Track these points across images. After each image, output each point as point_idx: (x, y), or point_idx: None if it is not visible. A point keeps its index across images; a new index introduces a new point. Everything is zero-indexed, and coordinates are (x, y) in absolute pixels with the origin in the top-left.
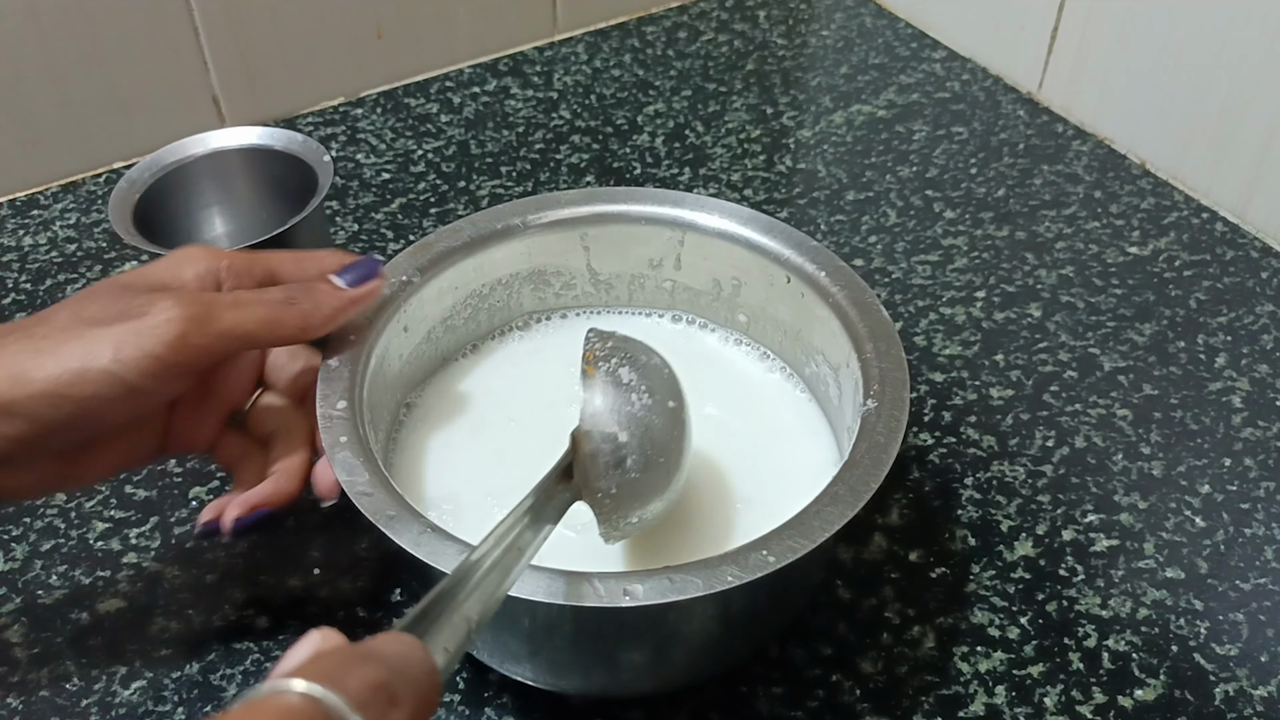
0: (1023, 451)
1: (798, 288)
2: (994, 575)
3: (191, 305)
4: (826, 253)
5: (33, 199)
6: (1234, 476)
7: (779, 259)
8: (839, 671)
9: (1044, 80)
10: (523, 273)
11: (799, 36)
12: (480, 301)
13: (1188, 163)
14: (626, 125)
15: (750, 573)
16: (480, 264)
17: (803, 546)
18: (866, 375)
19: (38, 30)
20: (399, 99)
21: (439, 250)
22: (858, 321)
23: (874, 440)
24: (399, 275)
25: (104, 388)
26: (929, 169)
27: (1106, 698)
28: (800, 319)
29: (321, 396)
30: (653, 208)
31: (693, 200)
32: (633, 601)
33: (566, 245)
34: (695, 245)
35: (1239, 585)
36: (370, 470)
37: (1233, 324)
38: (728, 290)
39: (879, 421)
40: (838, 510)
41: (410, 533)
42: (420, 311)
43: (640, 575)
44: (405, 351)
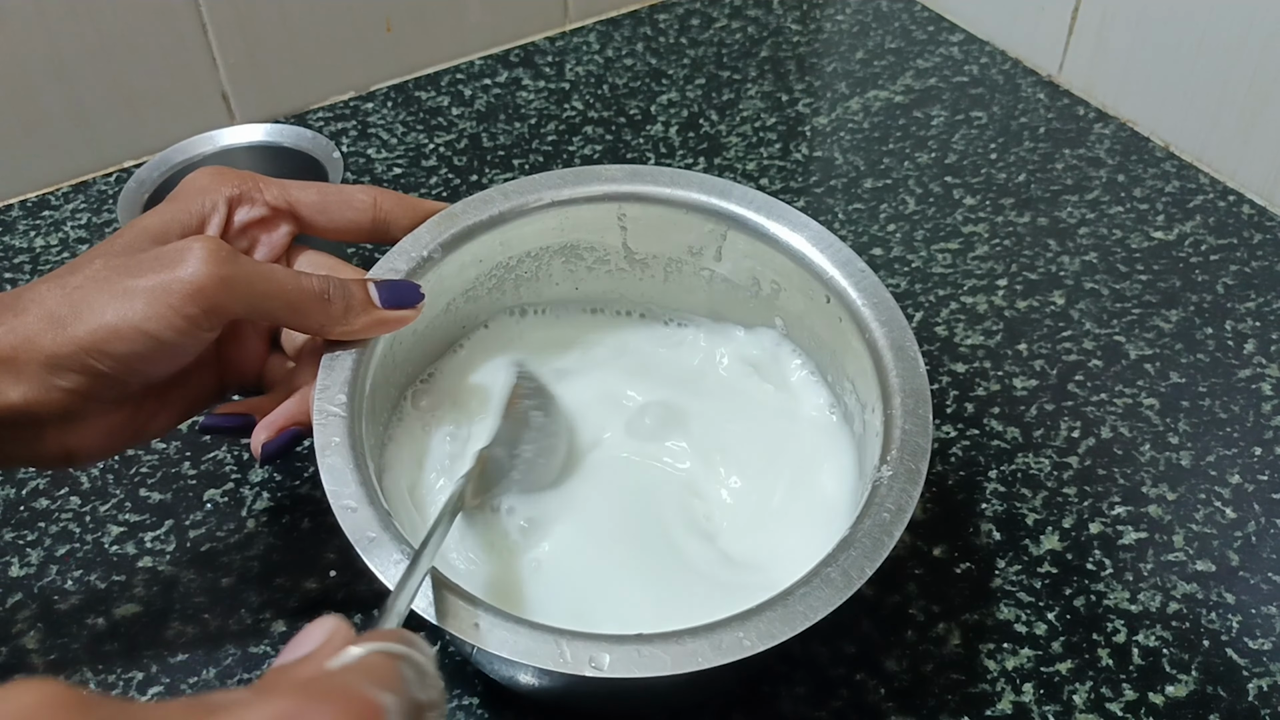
0: (1048, 443)
1: (836, 311)
2: (1020, 570)
3: (221, 264)
4: (873, 279)
5: (43, 199)
6: (1265, 466)
7: (821, 276)
8: (863, 670)
9: (1064, 62)
10: (554, 246)
11: (813, 22)
12: (506, 273)
13: (1213, 144)
14: (640, 115)
15: (723, 656)
16: (507, 237)
17: (781, 633)
18: (887, 435)
19: (45, 30)
20: (409, 92)
21: (465, 223)
22: (890, 369)
23: (879, 518)
24: (420, 250)
25: (139, 345)
26: (948, 155)
27: (1137, 694)
28: (836, 341)
29: (321, 388)
30: (698, 195)
31: (740, 194)
32: (597, 673)
33: (603, 222)
34: (738, 241)
35: (1271, 578)
36: (358, 479)
37: (1261, 309)
38: (767, 291)
39: (889, 495)
40: (825, 595)
41: (385, 558)
42: (439, 285)
43: (610, 643)
44: (420, 326)
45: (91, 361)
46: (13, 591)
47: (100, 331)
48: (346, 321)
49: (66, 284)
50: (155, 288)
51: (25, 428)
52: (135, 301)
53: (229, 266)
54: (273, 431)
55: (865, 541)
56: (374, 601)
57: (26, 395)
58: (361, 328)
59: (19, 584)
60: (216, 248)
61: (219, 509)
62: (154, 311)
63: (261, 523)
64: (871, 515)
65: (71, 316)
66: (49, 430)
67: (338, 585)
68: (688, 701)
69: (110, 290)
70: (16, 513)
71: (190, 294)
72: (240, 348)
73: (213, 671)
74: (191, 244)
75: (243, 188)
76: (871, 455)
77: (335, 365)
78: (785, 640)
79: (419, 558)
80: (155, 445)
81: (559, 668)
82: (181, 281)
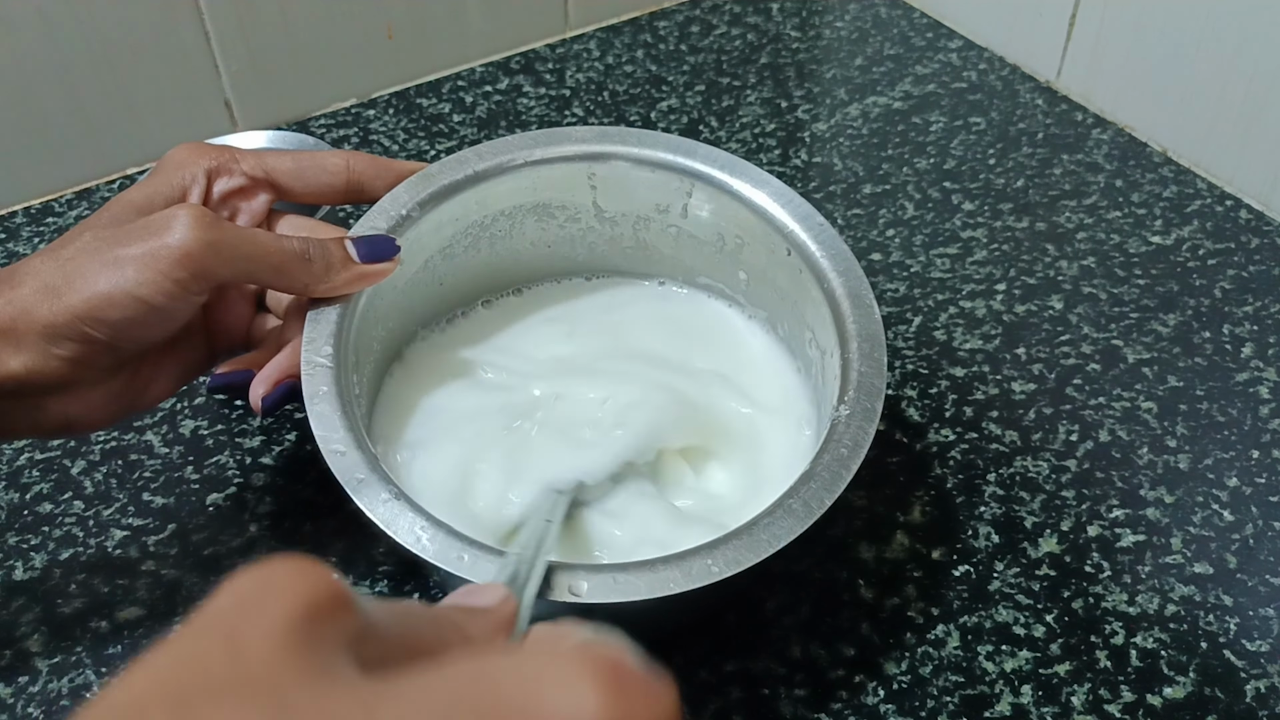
0: (1046, 446)
1: (797, 263)
2: (1018, 573)
3: (207, 229)
4: (830, 232)
5: (47, 206)
6: (1262, 469)
7: (782, 230)
8: (862, 672)
9: (1062, 68)
10: (527, 205)
11: (813, 28)
12: (481, 232)
13: (1210, 149)
14: (640, 121)
15: (692, 580)
16: (483, 196)
17: (748, 560)
18: (845, 377)
19: (49, 37)
20: (411, 99)
21: (441, 183)
22: (848, 315)
23: (837, 453)
24: (399, 209)
25: (131, 311)
26: (947, 160)
27: (1135, 696)
28: (796, 292)
29: (308, 340)
30: (664, 154)
31: (705, 152)
32: (576, 599)
33: (573, 181)
34: (702, 197)
35: (1269, 580)
36: (346, 425)
37: (1259, 313)
38: (731, 246)
39: (846, 432)
40: (787, 525)
41: (375, 498)
42: (417, 244)
43: (587, 571)
44: (400, 283)
45: (87, 329)
46: (16, 595)
47: (94, 299)
48: (328, 279)
49: (59, 256)
50: (145, 255)
51: (26, 397)
52: (126, 269)
53: (214, 232)
54: (269, 385)
55: (824, 475)
56: None
57: (27, 364)
58: (343, 283)
59: (23, 587)
60: (201, 214)
61: (222, 513)
62: (145, 277)
63: (264, 527)
64: (830, 450)
65: (66, 287)
66: (49, 399)
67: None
68: (679, 623)
69: (102, 259)
70: (20, 517)
71: (179, 259)
72: (227, 312)
73: None
74: (177, 211)
75: (220, 159)
76: (830, 398)
77: (320, 319)
78: (750, 566)
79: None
80: (158, 450)
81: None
82: (170, 248)
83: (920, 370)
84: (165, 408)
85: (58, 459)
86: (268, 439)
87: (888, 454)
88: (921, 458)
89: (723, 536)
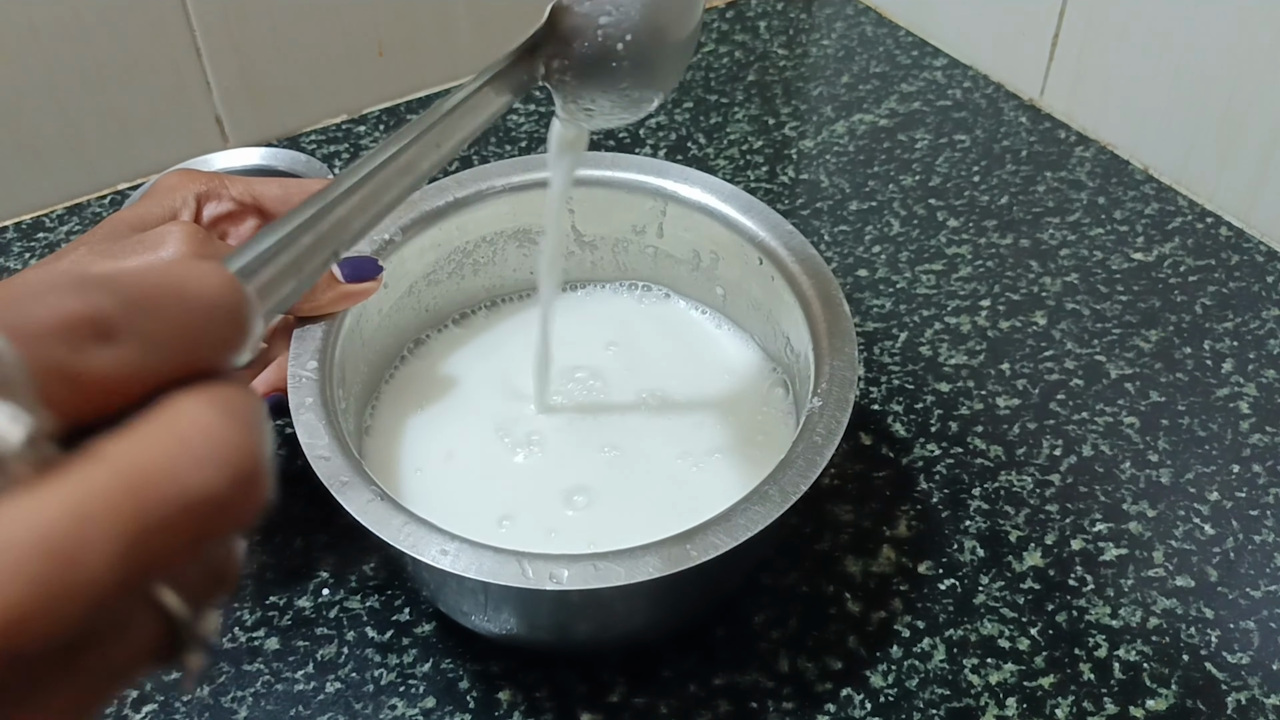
0: (1030, 461)
1: (769, 270)
2: (1003, 586)
3: (199, 246)
4: (800, 238)
5: (38, 221)
6: (1243, 483)
7: (753, 239)
8: (849, 685)
9: (1046, 86)
10: (508, 231)
11: (800, 46)
12: (464, 258)
13: (1191, 167)
14: (629, 138)
15: (671, 565)
16: (464, 222)
17: (725, 544)
18: (818, 372)
19: (40, 52)
20: (401, 115)
21: (423, 209)
22: (819, 315)
23: (811, 441)
24: (381, 234)
25: None
26: (932, 178)
27: (1118, 708)
28: (771, 300)
29: (293, 355)
30: (637, 175)
31: (677, 171)
32: (557, 586)
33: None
34: (677, 216)
35: (1249, 593)
36: (331, 434)
37: (1239, 329)
38: (706, 262)
39: (820, 422)
40: (764, 510)
41: (359, 499)
42: (401, 269)
43: (568, 560)
44: (385, 306)
45: None
46: None
47: None
48: (313, 298)
49: (53, 269)
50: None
51: None
52: None
53: (206, 248)
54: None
55: (800, 463)
56: (369, 619)
57: None
58: (328, 302)
59: None
60: (194, 231)
61: None
62: None
63: (255, 542)
64: (805, 439)
65: None
66: None
67: (330, 603)
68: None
69: None
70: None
71: None
72: None
73: (207, 690)
74: (170, 228)
75: (210, 185)
76: (806, 394)
77: (305, 336)
78: (728, 550)
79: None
80: None
81: (522, 584)
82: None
83: (906, 385)
84: None
85: None
86: None
87: (874, 468)
88: (907, 472)
89: (701, 524)
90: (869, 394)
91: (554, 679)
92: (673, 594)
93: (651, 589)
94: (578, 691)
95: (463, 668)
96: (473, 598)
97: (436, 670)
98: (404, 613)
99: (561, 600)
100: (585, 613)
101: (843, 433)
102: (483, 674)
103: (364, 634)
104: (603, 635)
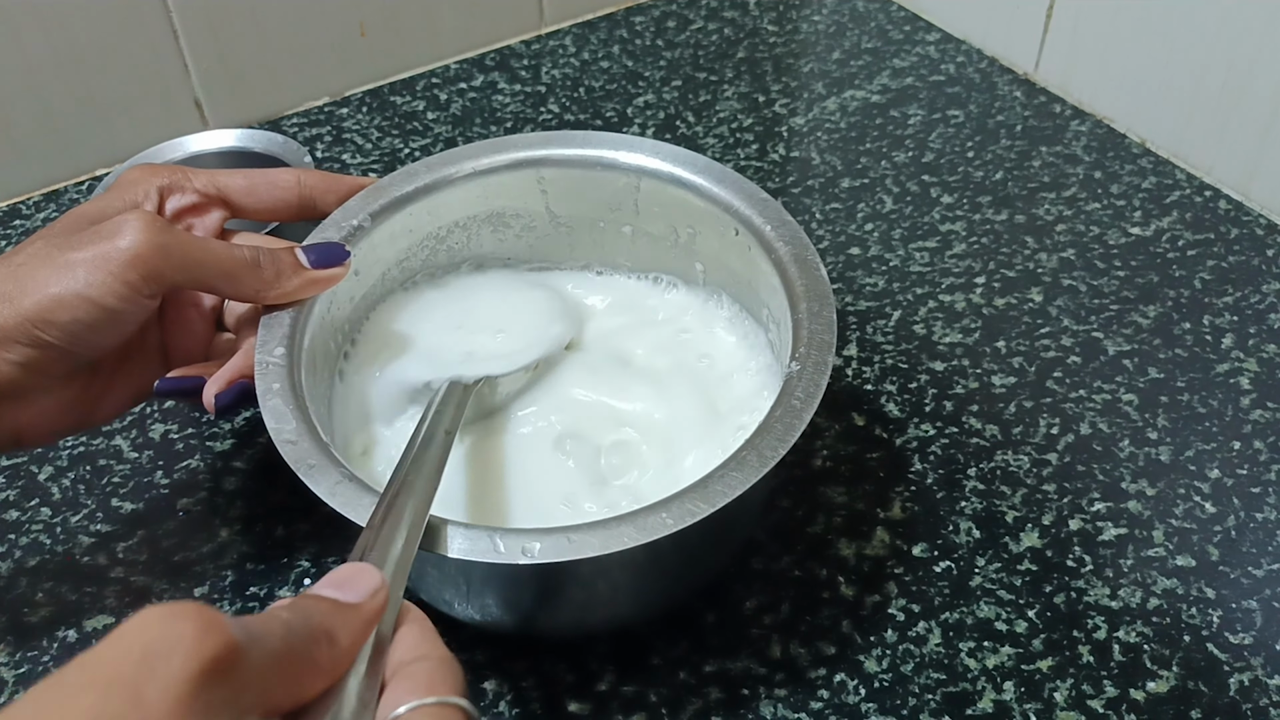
0: (1027, 440)
1: (745, 240)
2: (1000, 568)
3: (158, 233)
4: (775, 205)
5: (14, 209)
6: (1244, 460)
7: (729, 209)
8: (843, 671)
9: (1040, 60)
10: (480, 215)
11: (790, 22)
12: (438, 244)
13: (1189, 140)
14: (616, 118)
15: (647, 534)
16: (434, 207)
17: (701, 510)
18: (796, 336)
19: (13, 36)
20: (384, 97)
21: (393, 195)
22: (796, 279)
23: (789, 405)
24: (350, 220)
25: (81, 312)
26: (925, 154)
27: (1118, 691)
28: (749, 271)
29: (261, 342)
30: (608, 152)
31: (649, 146)
32: (530, 560)
33: (524, 187)
34: (650, 192)
35: (1251, 572)
36: (299, 418)
37: (1239, 304)
38: (684, 238)
39: (798, 385)
40: (742, 475)
41: (327, 481)
42: (371, 255)
43: (539, 534)
44: (357, 295)
45: (38, 333)
46: None
47: (44, 301)
48: (279, 285)
49: (11, 263)
50: (95, 257)
51: None
52: (77, 271)
53: (165, 235)
54: (223, 384)
55: (778, 427)
56: None
57: None
58: (295, 289)
59: None
60: (152, 219)
61: (192, 518)
62: (95, 279)
63: (235, 532)
64: (783, 403)
65: (17, 291)
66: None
67: None
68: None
69: (53, 264)
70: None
71: (129, 260)
72: (185, 331)
73: None
74: (127, 216)
75: (172, 178)
76: (784, 358)
77: (273, 323)
78: (704, 517)
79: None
80: (127, 455)
81: (495, 559)
82: (120, 249)
83: (900, 365)
84: (135, 412)
85: (24, 465)
86: (239, 442)
87: (867, 449)
88: (901, 453)
89: (678, 492)
90: (862, 373)
91: (540, 668)
92: (653, 565)
93: (630, 560)
94: (565, 680)
95: None
96: (451, 582)
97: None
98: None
99: (538, 575)
100: (563, 589)
101: (821, 395)
102: (467, 663)
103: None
104: (586, 616)
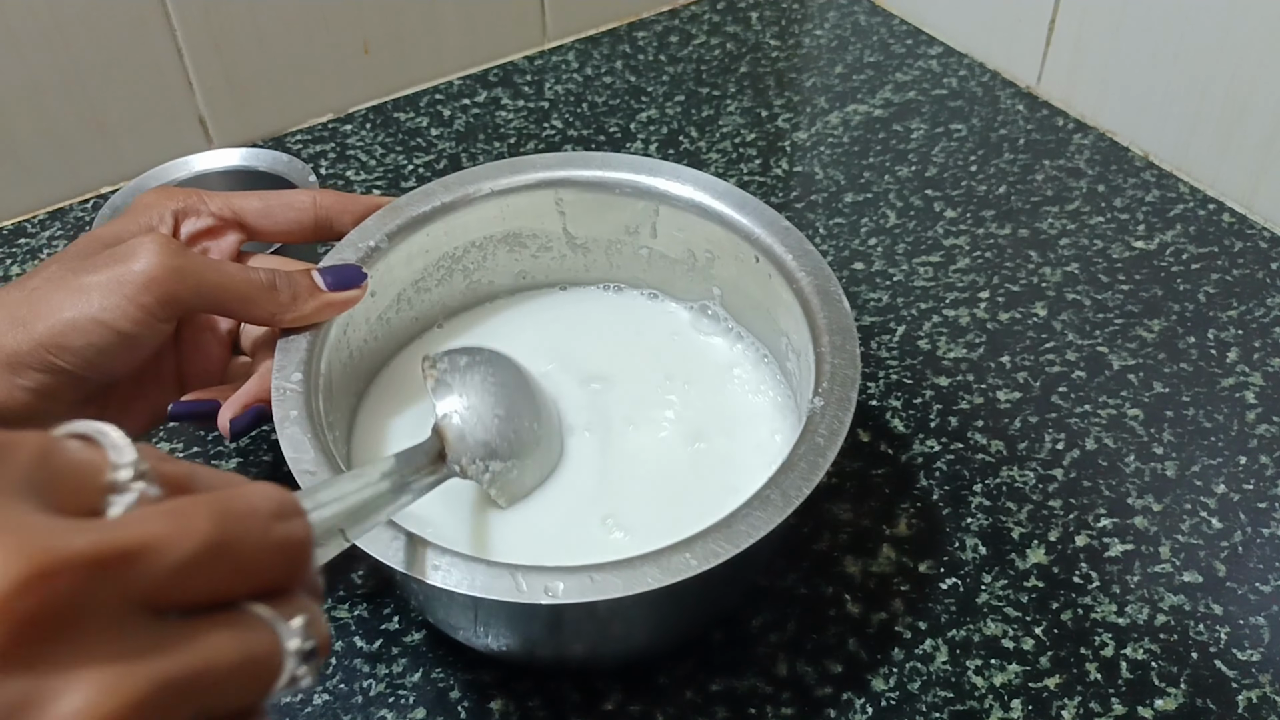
0: (1032, 455)
1: (765, 268)
2: (1006, 585)
3: (173, 256)
4: (796, 234)
5: (19, 227)
6: (1250, 475)
7: (749, 237)
8: (850, 689)
9: (1043, 73)
10: (497, 235)
11: (792, 37)
12: (454, 264)
13: (1192, 153)
14: (620, 133)
15: (671, 575)
16: (451, 227)
17: (726, 551)
18: (819, 370)
19: (18, 55)
20: (388, 113)
21: (409, 215)
22: (818, 311)
23: (813, 443)
24: (367, 241)
25: (95, 337)
26: (928, 168)
27: (1126, 709)
28: (769, 299)
29: (278, 368)
30: (629, 175)
31: (669, 170)
32: (552, 599)
33: (541, 208)
34: (670, 216)
35: (1259, 588)
36: (316, 448)
37: (1243, 317)
38: (702, 262)
39: (822, 422)
40: (766, 515)
41: None
42: (388, 276)
43: (562, 573)
44: (373, 316)
45: (51, 358)
46: None
47: (58, 326)
48: (295, 308)
49: (25, 286)
50: (110, 281)
51: None
52: (91, 295)
53: (180, 258)
54: (238, 409)
55: (802, 465)
56: (358, 628)
57: None
58: (311, 312)
59: None
60: (167, 241)
61: None
62: (110, 303)
63: None
64: (807, 441)
65: (31, 315)
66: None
67: None
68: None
69: (67, 288)
70: None
71: (144, 284)
72: (201, 354)
73: None
74: (142, 239)
75: (187, 201)
76: (806, 393)
77: (290, 347)
78: (729, 558)
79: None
80: None
81: (516, 599)
82: (135, 273)
83: (904, 380)
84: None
85: None
86: (244, 460)
87: (872, 466)
88: (907, 469)
89: (700, 532)
90: (866, 389)
91: (547, 688)
92: (673, 604)
93: (651, 600)
94: (571, 700)
95: (453, 677)
96: (464, 613)
97: (426, 680)
98: (393, 621)
99: (557, 614)
100: (582, 626)
101: (845, 432)
102: (474, 683)
103: (352, 644)
104: (601, 650)
